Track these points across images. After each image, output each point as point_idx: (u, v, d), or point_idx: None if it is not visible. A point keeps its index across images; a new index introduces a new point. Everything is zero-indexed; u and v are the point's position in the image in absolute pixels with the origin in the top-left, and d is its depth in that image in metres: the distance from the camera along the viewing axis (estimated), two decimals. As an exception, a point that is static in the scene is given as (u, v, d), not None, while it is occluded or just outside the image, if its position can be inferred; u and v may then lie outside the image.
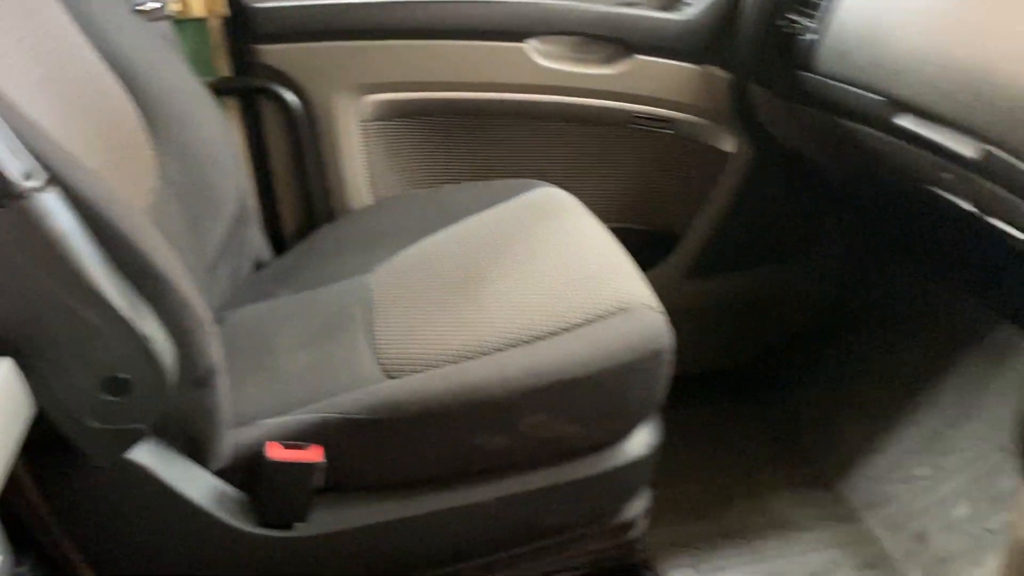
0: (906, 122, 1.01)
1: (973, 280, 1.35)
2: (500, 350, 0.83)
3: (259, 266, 1.19)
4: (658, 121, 1.35)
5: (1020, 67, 0.83)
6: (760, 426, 1.46)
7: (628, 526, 1.00)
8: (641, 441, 0.92)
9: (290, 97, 1.25)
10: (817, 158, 1.36)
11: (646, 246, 1.42)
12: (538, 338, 0.85)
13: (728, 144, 1.36)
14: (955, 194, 1.01)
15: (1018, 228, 0.91)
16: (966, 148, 0.91)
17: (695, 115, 1.34)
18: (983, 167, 0.90)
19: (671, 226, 1.45)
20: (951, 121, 0.93)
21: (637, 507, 0.99)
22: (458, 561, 0.92)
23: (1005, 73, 0.84)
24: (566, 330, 0.85)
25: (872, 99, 1.04)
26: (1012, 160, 0.84)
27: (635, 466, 0.91)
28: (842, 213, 1.47)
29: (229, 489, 0.79)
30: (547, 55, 1.31)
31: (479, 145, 1.36)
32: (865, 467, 1.31)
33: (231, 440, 0.78)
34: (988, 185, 0.90)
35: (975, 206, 0.98)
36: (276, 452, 0.77)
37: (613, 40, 1.30)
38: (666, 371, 0.88)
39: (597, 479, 0.89)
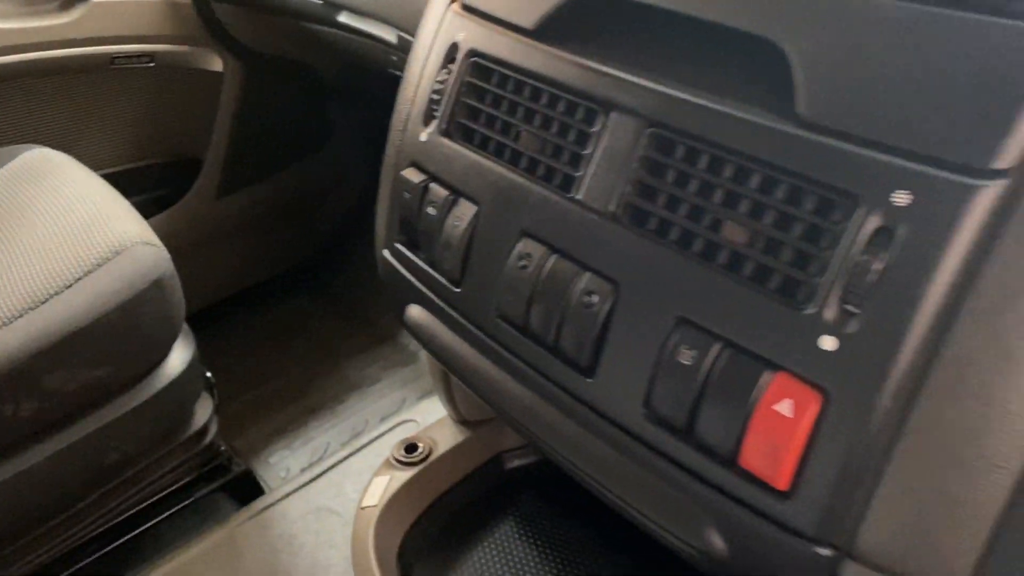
0: (345, 18, 1.16)
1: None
2: (6, 324, 0.87)
3: None
4: (138, 57, 1.38)
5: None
6: (333, 309, 1.64)
7: (201, 434, 1.11)
8: (177, 360, 1.02)
9: None
10: (302, 59, 1.50)
11: (172, 177, 1.49)
12: (42, 302, 0.89)
13: (215, 64, 1.43)
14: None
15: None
16: (389, 35, 1.09)
17: (172, 44, 1.39)
18: (403, 46, 1.08)
19: (191, 153, 1.51)
20: (373, 14, 1.10)
21: (201, 415, 1.10)
22: (38, 525, 0.97)
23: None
24: (68, 287, 0.91)
25: (314, 2, 1.18)
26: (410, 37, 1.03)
27: (178, 383, 1.01)
28: (345, 105, 1.64)
29: None
30: (-5, 13, 1.26)
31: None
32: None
33: None
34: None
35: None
36: None
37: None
38: (174, 296, 0.98)
39: (143, 408, 0.98)
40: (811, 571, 0.43)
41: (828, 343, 0.41)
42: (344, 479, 1.05)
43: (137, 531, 1.12)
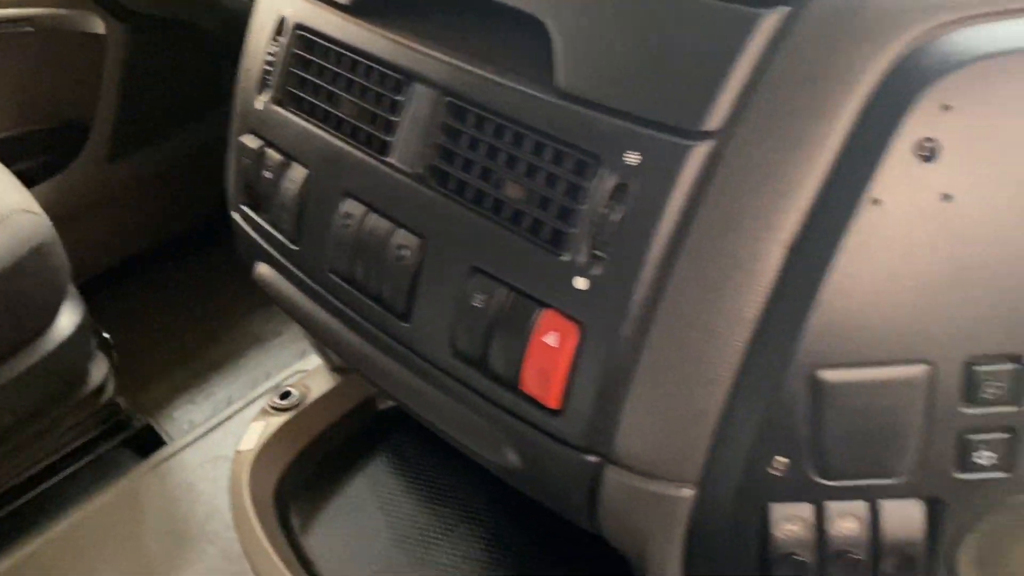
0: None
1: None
2: None
3: None
4: (15, 22, 1.37)
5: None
6: (232, 267, 1.67)
7: (98, 393, 1.15)
8: (65, 323, 1.06)
9: None
10: (187, 19, 1.50)
11: (61, 142, 1.49)
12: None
13: (97, 27, 1.43)
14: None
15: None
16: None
17: (51, 7, 1.39)
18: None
19: (79, 117, 1.51)
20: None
21: (97, 375, 1.14)
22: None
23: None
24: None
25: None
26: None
27: (68, 346, 1.05)
28: (236, 64, 1.64)
29: None
30: None
31: None
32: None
33: None
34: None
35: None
36: None
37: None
38: (57, 261, 1.01)
39: (32, 371, 1.02)
40: (583, 476, 0.51)
41: (581, 283, 0.48)
42: (241, 428, 1.10)
43: (39, 489, 1.16)
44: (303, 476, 0.86)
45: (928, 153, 0.42)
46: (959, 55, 0.41)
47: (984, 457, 0.45)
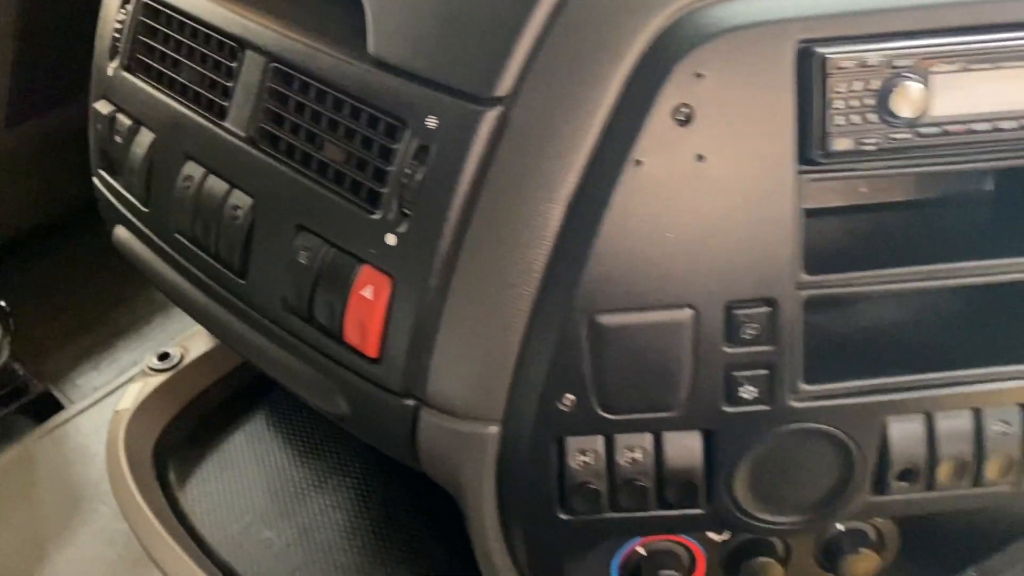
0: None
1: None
2: None
3: None
4: None
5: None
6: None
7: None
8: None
9: None
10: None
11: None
12: None
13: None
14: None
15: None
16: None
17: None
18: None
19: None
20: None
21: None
22: None
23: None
24: None
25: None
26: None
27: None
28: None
29: None
30: None
31: None
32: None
33: None
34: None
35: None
36: None
37: None
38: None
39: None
40: (403, 419, 0.55)
41: (391, 240, 0.52)
42: (136, 392, 1.12)
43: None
44: (181, 435, 0.88)
45: (684, 118, 0.46)
46: (711, 27, 0.46)
47: (747, 392, 0.50)
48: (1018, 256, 0.49)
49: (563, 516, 0.55)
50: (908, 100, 0.46)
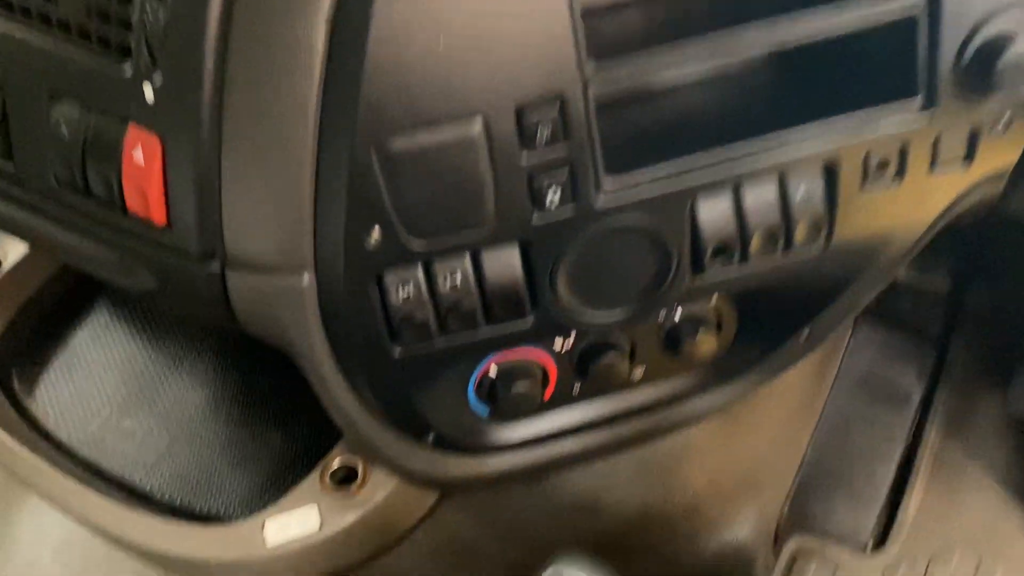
0: None
1: None
2: None
3: None
4: None
5: None
6: None
7: None
8: None
9: None
10: None
11: None
12: None
13: None
14: None
15: None
16: None
17: None
18: None
19: None
20: None
21: None
22: None
23: None
24: None
25: None
26: None
27: None
28: None
29: None
30: None
31: None
32: None
33: None
34: None
35: None
36: None
37: None
38: None
39: None
40: (212, 284, 0.52)
41: (149, 95, 0.47)
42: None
43: None
44: (19, 342, 0.83)
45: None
46: None
47: (552, 195, 0.49)
48: (809, 15, 0.48)
49: (397, 352, 0.54)
50: None
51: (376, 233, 0.48)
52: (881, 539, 0.96)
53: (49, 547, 0.94)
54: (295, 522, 0.66)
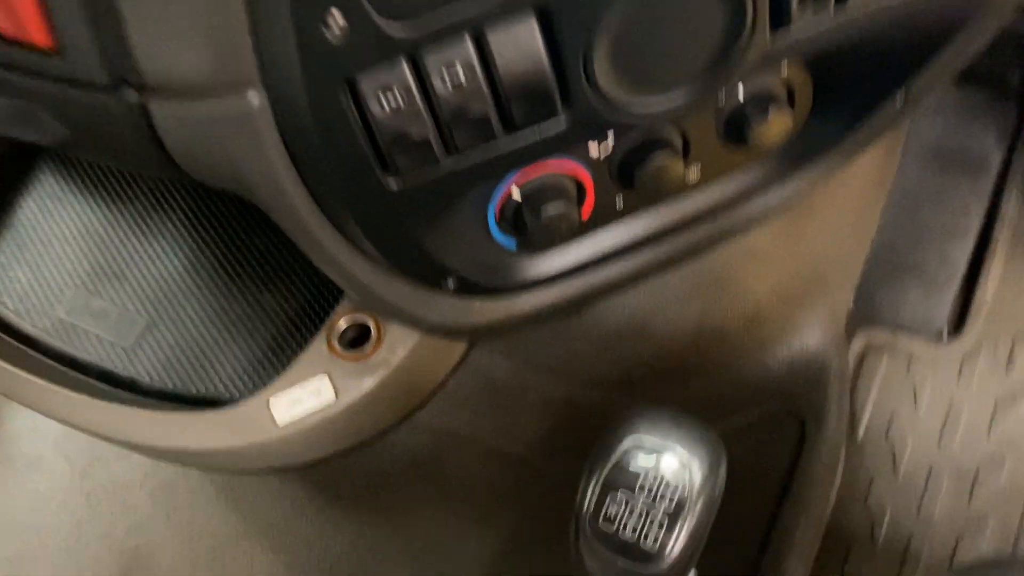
0: None
1: None
2: None
3: None
4: None
5: None
6: None
7: None
8: None
9: None
10: None
11: None
12: None
13: None
14: None
15: None
16: None
17: None
18: None
19: None
20: None
21: None
22: None
23: None
24: None
25: None
26: None
27: None
28: None
29: None
30: None
31: None
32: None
33: None
34: None
35: None
36: None
37: None
38: None
39: None
40: (133, 120, 0.39)
41: None
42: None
43: None
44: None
45: None
46: None
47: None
48: None
49: (393, 184, 0.41)
50: None
51: (337, 18, 0.35)
52: (958, 325, 0.87)
53: (49, 440, 0.87)
54: (306, 395, 0.56)
